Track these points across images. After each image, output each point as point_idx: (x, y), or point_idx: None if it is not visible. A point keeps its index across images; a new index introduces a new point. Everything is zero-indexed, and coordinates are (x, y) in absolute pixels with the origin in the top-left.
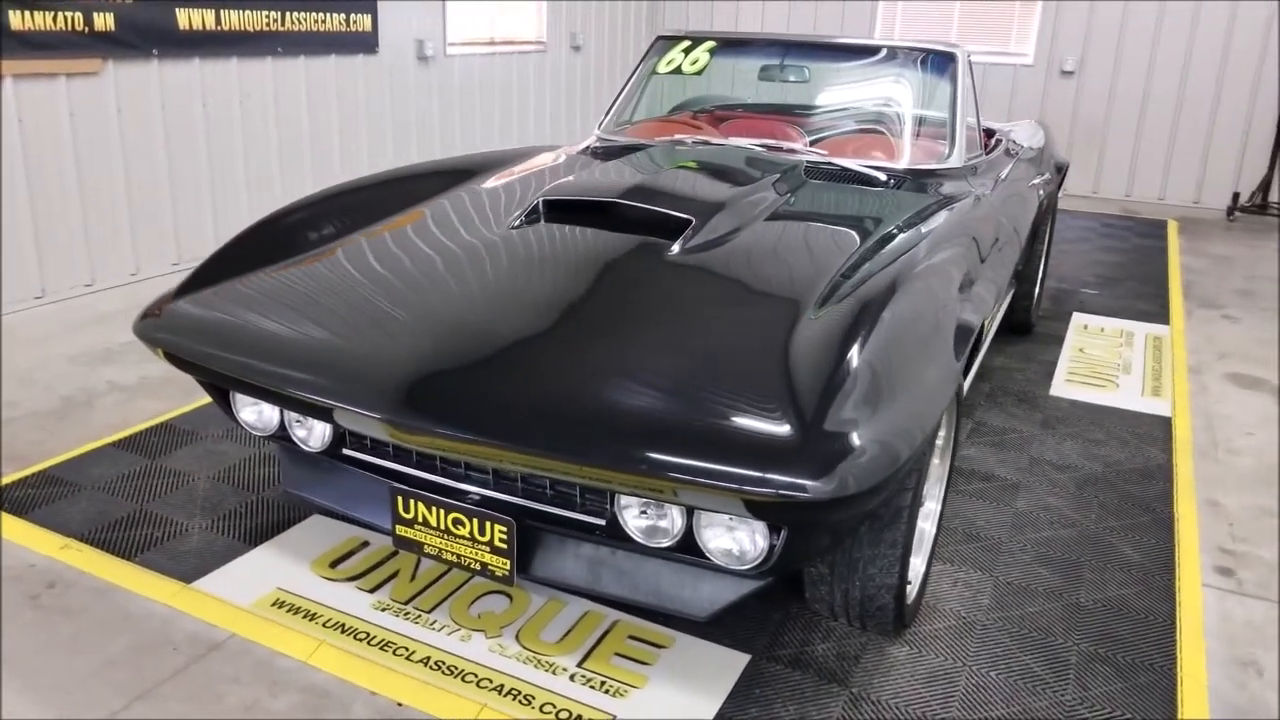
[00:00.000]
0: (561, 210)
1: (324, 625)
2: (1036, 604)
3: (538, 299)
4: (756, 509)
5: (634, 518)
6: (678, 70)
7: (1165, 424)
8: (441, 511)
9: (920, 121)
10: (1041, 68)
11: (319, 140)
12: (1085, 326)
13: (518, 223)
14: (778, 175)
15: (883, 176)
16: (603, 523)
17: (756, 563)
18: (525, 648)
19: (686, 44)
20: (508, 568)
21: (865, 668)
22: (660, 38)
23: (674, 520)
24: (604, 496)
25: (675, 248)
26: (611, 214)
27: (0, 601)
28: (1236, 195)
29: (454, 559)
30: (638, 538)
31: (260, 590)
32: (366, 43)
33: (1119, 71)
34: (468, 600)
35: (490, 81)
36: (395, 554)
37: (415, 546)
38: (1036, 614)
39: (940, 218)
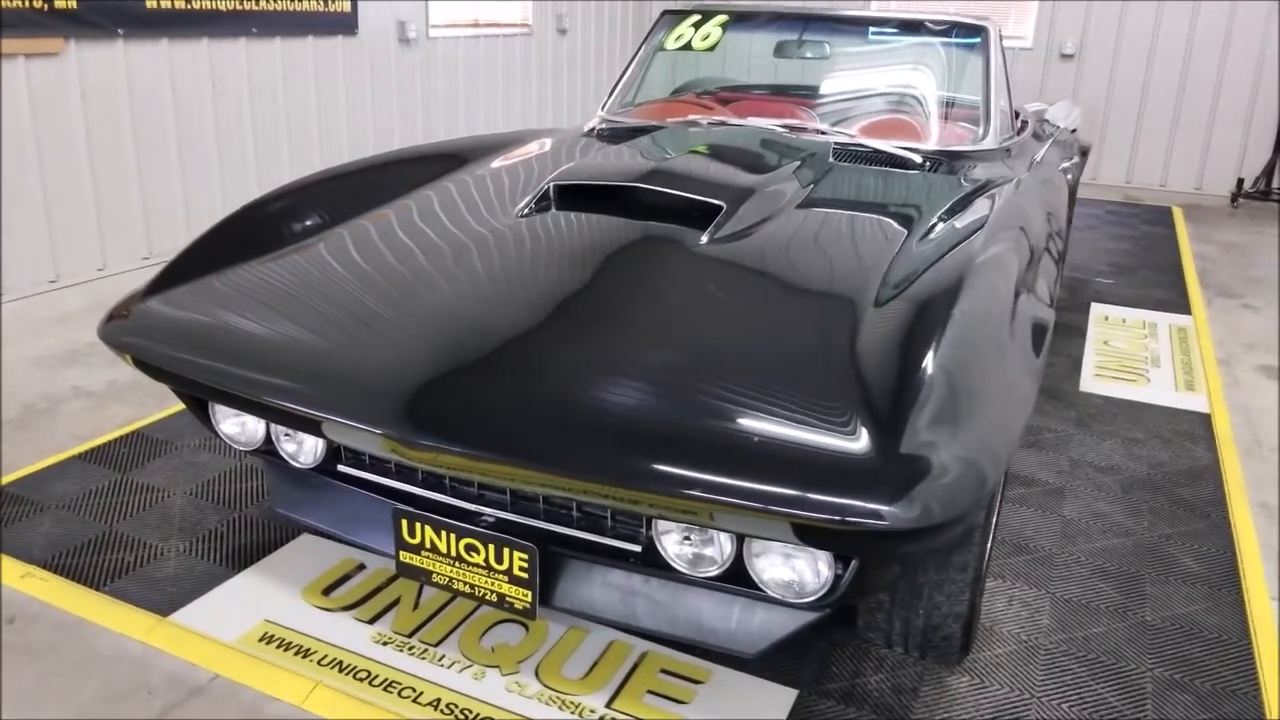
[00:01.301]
0: (574, 196)
1: (319, 663)
2: (1101, 623)
3: (556, 296)
4: (824, 538)
5: (675, 544)
6: (687, 46)
7: (1204, 420)
8: (452, 536)
9: (951, 100)
10: (1040, 51)
11: (296, 126)
12: (1106, 318)
13: (527, 210)
14: (804, 158)
15: (917, 159)
16: (638, 549)
17: (818, 595)
18: (547, 686)
19: (696, 18)
20: (529, 599)
21: (925, 702)
22: (666, 12)
23: (722, 547)
24: (638, 520)
25: (704, 237)
26: (629, 200)
27: None
28: (1241, 181)
29: (466, 589)
30: (678, 566)
31: (246, 623)
32: (346, 24)
33: (1119, 55)
34: (479, 631)
35: (474, 65)
36: (395, 579)
37: (422, 575)
38: (1102, 635)
39: (985, 204)
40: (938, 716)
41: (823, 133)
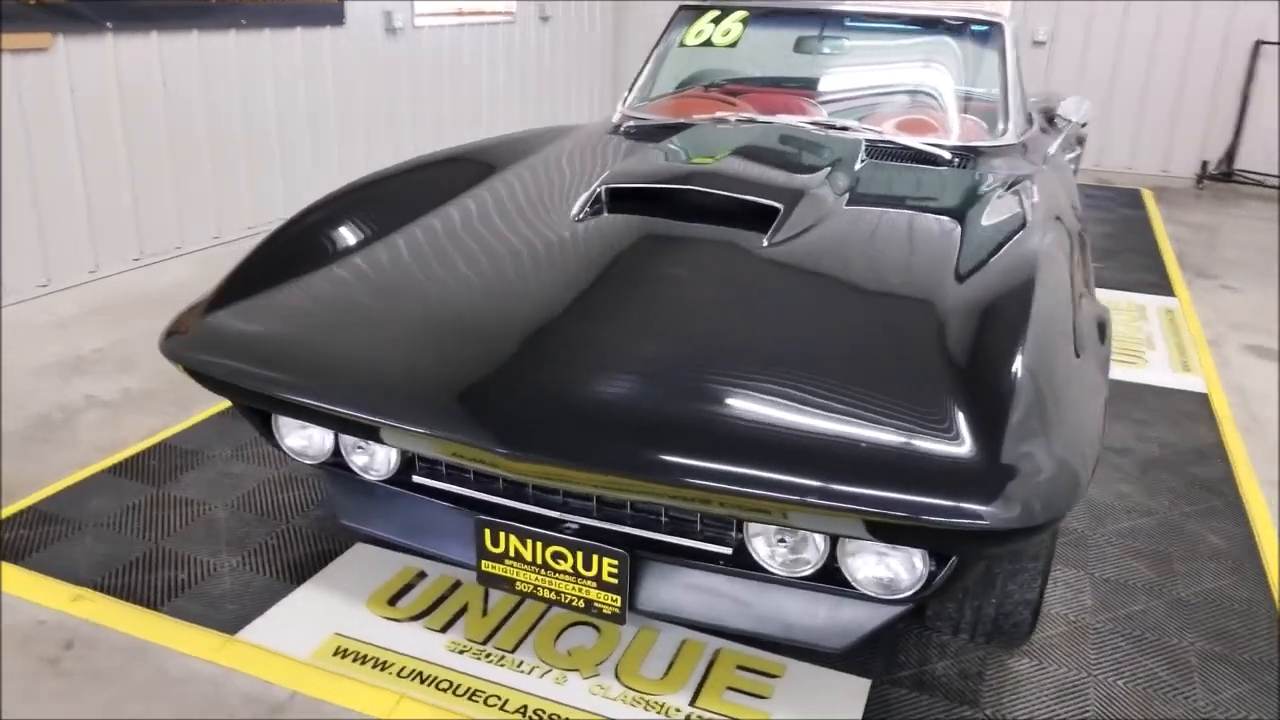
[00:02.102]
0: (626, 199)
1: (399, 675)
2: (1139, 601)
3: (636, 303)
4: (928, 539)
5: (766, 546)
6: (708, 43)
7: (1203, 400)
8: (539, 545)
9: (970, 96)
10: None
11: (286, 120)
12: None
13: (582, 215)
14: (840, 156)
15: (945, 155)
16: (728, 551)
17: (913, 591)
18: (629, 687)
19: (714, 14)
20: (619, 604)
21: (992, 685)
22: (683, 7)
23: (815, 548)
24: (727, 523)
25: (766, 240)
26: (681, 202)
27: (3, 670)
28: (1205, 164)
29: (552, 596)
30: (771, 567)
31: (317, 637)
32: (333, 14)
33: (1090, 42)
34: (552, 635)
35: (460, 54)
36: (458, 585)
37: (505, 583)
38: (1142, 613)
39: (1019, 199)
40: (1005, 699)
41: (849, 129)
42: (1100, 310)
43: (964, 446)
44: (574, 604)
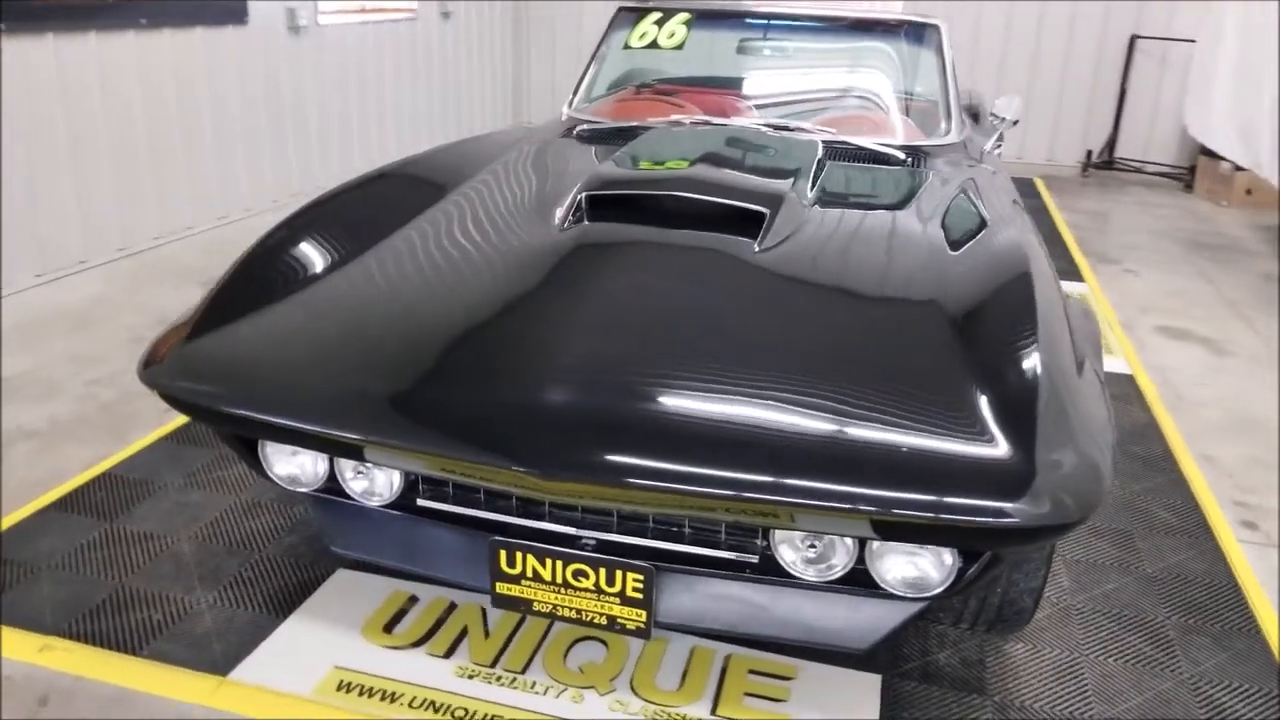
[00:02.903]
0: (606, 206)
1: (410, 705)
2: (1112, 579)
3: (643, 314)
4: (966, 538)
5: (794, 552)
6: (653, 44)
7: (1129, 382)
8: (559, 563)
9: (913, 97)
10: None
11: (190, 125)
12: None
13: (566, 224)
14: (803, 158)
15: (899, 155)
16: (754, 559)
17: (943, 588)
18: (649, 701)
19: (657, 15)
20: (644, 619)
21: (994, 672)
22: (622, 9)
23: (844, 551)
24: (752, 531)
25: (757, 245)
26: (660, 208)
27: None
28: (1090, 153)
29: (572, 615)
30: (798, 573)
31: (317, 672)
32: (235, 13)
33: (978, 39)
34: (560, 652)
35: (364, 53)
36: (453, 607)
37: (522, 605)
38: (1117, 590)
39: (981, 196)
40: (1009, 684)
41: (804, 131)
42: (1081, 299)
43: (999, 446)
44: (596, 621)
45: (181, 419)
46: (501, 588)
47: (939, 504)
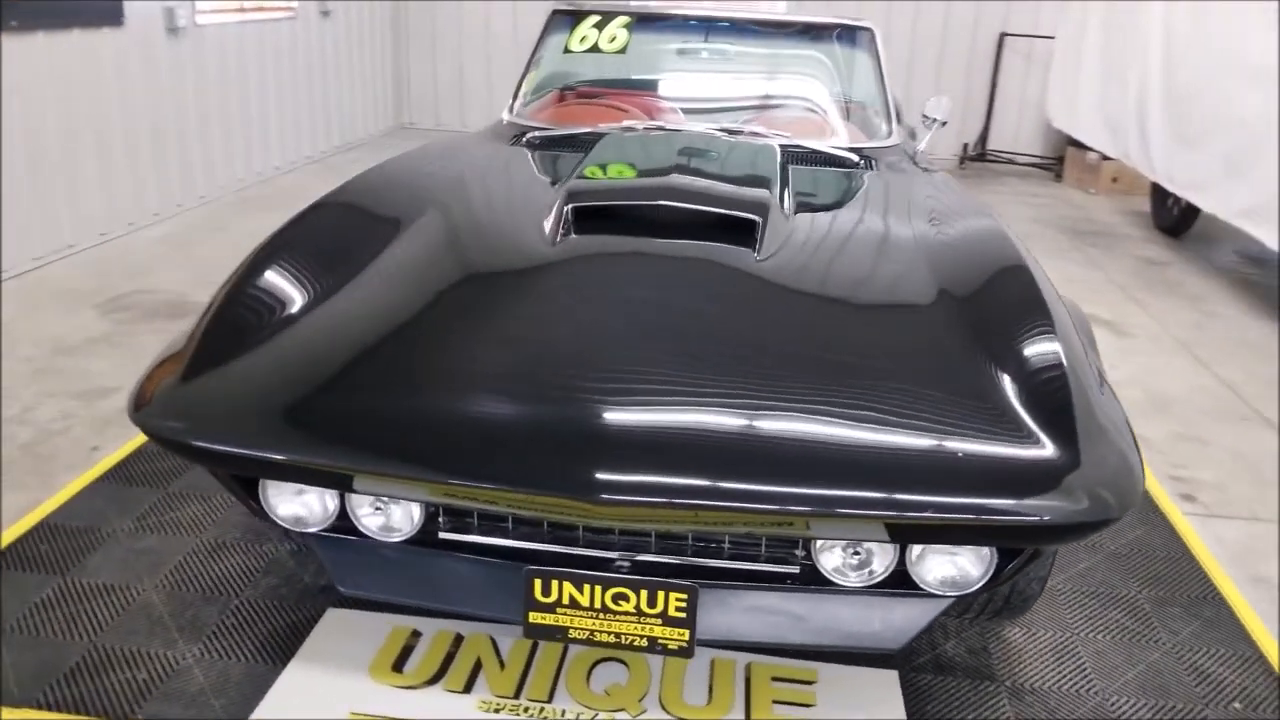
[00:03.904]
0: (592, 218)
1: None
2: (1083, 559)
3: (663, 329)
4: (1013, 537)
5: (836, 560)
6: (594, 48)
7: None
8: (597, 588)
9: (854, 99)
10: None
11: (68, 135)
12: None
13: (557, 238)
14: (769, 163)
15: (853, 157)
16: (795, 570)
17: (980, 584)
18: (683, 718)
19: (596, 19)
20: (686, 638)
21: (1000, 658)
22: (556, 11)
23: (886, 556)
24: (793, 542)
25: (756, 254)
26: (646, 218)
27: None
28: (965, 145)
29: (610, 639)
30: (839, 580)
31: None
32: (110, 13)
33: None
34: (581, 677)
35: (244, 54)
36: (460, 640)
37: (557, 634)
38: (1090, 570)
39: (945, 195)
40: (1015, 669)
41: (758, 135)
42: (1070, 300)
43: (1043, 446)
44: (635, 644)
45: (113, 457)
46: (535, 617)
47: (992, 507)
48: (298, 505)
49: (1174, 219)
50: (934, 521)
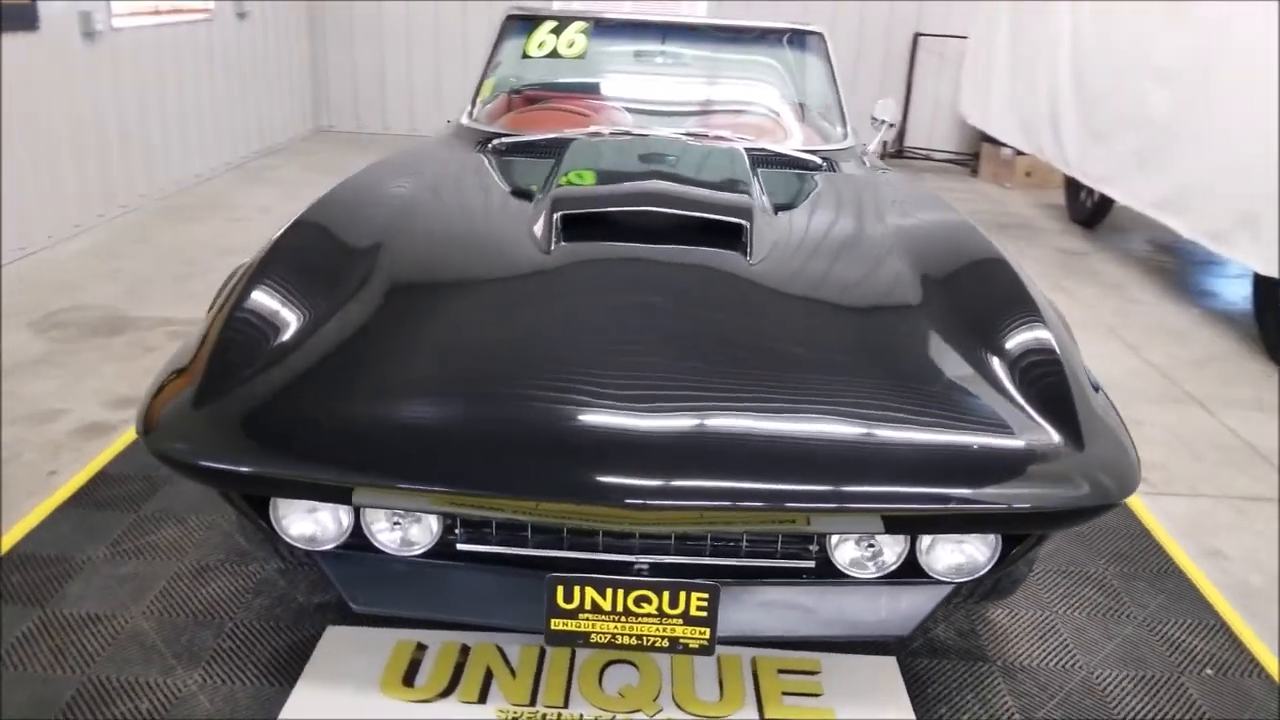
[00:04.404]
0: (580, 225)
1: None
2: (1053, 539)
3: (671, 333)
4: (1020, 524)
5: (850, 553)
6: (553, 53)
7: None
8: (620, 592)
9: (809, 102)
10: None
11: None
12: None
13: (551, 247)
14: (740, 166)
15: (817, 160)
16: (811, 565)
17: (987, 569)
18: (697, 715)
19: (553, 24)
20: (707, 636)
21: (988, 639)
22: (511, 16)
23: (898, 547)
24: (808, 537)
25: (750, 258)
26: (633, 224)
27: None
28: (885, 143)
29: (632, 642)
30: (853, 572)
31: None
32: (25, 17)
33: None
34: (593, 681)
35: (162, 58)
36: (467, 650)
37: (579, 639)
38: (1058, 550)
39: (898, 195)
40: (1004, 648)
41: (723, 139)
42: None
43: (1049, 436)
44: (657, 645)
45: (74, 482)
46: (557, 624)
47: (1008, 496)
48: (310, 523)
49: (1088, 211)
50: (958, 513)
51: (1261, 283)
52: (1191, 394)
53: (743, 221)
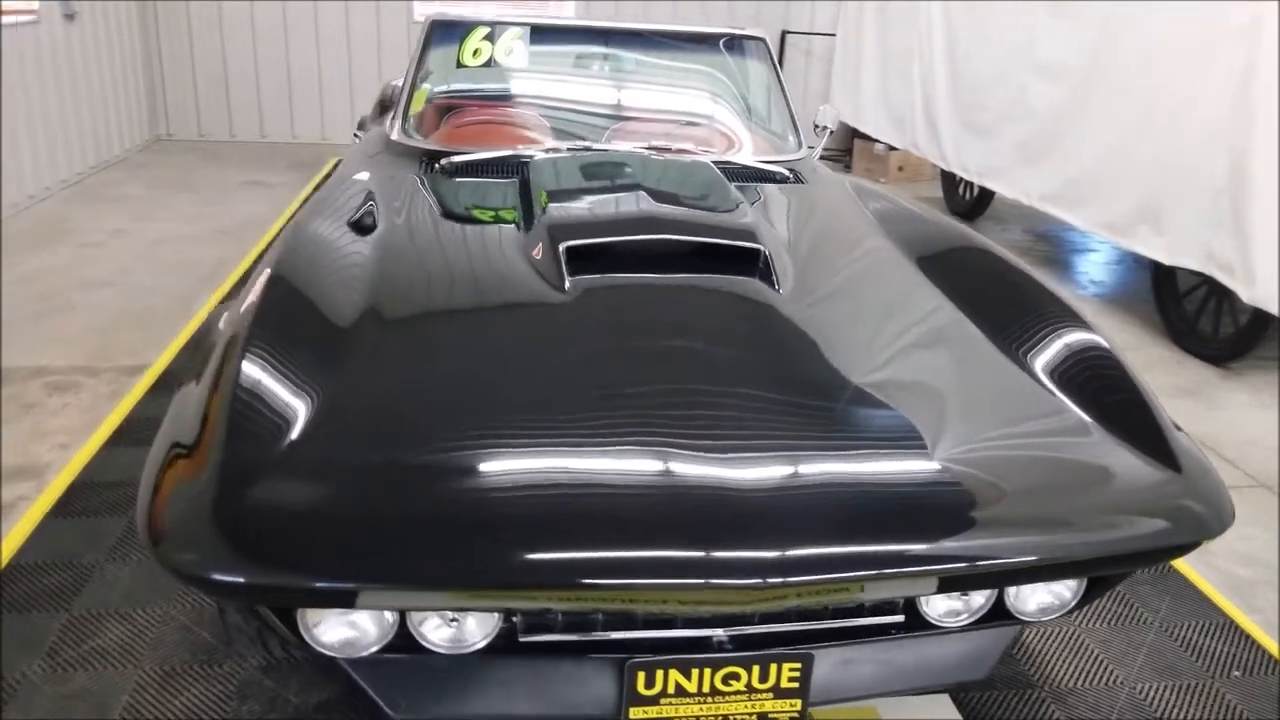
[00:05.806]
0: (585, 257)
1: None
2: None
3: (737, 382)
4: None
5: (943, 604)
6: (489, 63)
7: None
8: (707, 671)
9: (758, 112)
10: None
11: None
12: None
13: (565, 284)
14: (718, 182)
15: (784, 171)
16: (901, 619)
17: (1070, 606)
18: None
19: (486, 30)
20: (798, 708)
21: (1026, 662)
22: (436, 23)
23: (989, 591)
24: None
25: (779, 288)
26: (642, 254)
27: None
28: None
29: None
30: (944, 623)
31: None
32: None
33: None
34: None
35: None
36: None
37: None
38: None
39: (881, 205)
40: (1045, 670)
41: (685, 152)
42: None
43: (1153, 474)
44: None
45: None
46: (636, 712)
47: (1115, 540)
48: (345, 628)
49: (968, 204)
50: (1069, 560)
51: (1162, 271)
52: None
53: (761, 247)
